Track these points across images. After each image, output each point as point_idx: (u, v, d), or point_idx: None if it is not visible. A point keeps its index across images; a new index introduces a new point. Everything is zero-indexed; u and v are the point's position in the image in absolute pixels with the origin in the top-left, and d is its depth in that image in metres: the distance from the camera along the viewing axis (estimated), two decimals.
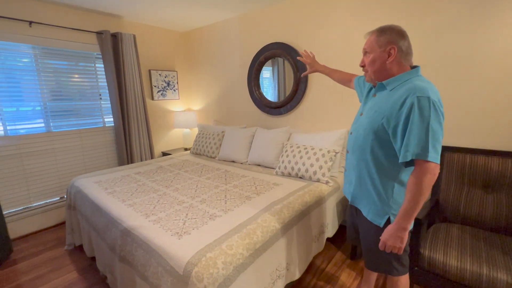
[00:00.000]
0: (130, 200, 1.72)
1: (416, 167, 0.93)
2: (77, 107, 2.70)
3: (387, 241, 1.02)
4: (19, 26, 2.25)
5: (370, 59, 1.08)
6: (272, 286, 1.30)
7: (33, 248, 2.25)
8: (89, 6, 2.52)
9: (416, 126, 0.91)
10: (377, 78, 1.10)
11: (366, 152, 1.10)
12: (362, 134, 1.11)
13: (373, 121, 1.06)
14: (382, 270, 1.20)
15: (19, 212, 2.37)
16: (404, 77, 1.02)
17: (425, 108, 0.90)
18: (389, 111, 0.99)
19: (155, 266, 1.16)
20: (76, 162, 2.71)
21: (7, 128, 2.28)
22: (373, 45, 1.06)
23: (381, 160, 1.06)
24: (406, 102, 0.93)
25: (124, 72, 2.84)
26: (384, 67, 1.05)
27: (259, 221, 1.36)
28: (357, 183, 1.18)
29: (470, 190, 1.65)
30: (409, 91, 0.94)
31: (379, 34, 1.05)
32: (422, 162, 0.91)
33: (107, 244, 1.54)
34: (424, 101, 0.90)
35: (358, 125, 1.17)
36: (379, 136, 1.04)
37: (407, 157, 0.93)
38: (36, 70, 2.40)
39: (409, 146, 0.92)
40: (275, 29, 2.62)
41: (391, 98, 1.01)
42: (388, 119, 0.99)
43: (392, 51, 1.02)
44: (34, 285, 1.80)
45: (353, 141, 1.18)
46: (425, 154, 0.90)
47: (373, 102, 1.12)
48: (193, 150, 3.04)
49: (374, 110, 1.08)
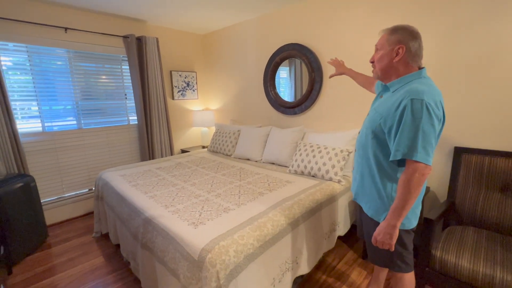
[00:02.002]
0: (151, 192, 1.85)
1: (406, 167, 0.96)
2: (104, 106, 2.91)
3: (377, 236, 1.06)
4: (56, 32, 2.48)
5: (379, 56, 1.10)
6: (281, 277, 1.37)
7: (65, 234, 2.47)
8: (116, 12, 2.72)
9: (407, 127, 0.94)
10: (383, 76, 1.13)
11: (367, 151, 1.14)
12: (364, 133, 1.16)
13: (372, 121, 1.10)
14: (384, 265, 1.23)
15: (54, 201, 2.62)
16: (407, 79, 1.05)
17: (417, 111, 0.92)
18: (387, 112, 1.03)
19: (173, 252, 1.27)
20: (103, 157, 2.93)
21: (45, 125, 2.53)
22: (383, 42, 1.09)
23: (380, 159, 1.09)
24: (401, 104, 0.96)
25: (148, 73, 3.01)
26: (391, 66, 1.08)
27: (270, 215, 1.42)
28: (360, 180, 1.22)
29: (488, 193, 1.61)
30: (405, 93, 0.97)
31: (391, 33, 1.07)
32: (412, 162, 0.94)
33: (131, 232, 1.68)
34: (417, 104, 0.93)
35: (363, 124, 1.21)
36: (377, 136, 1.08)
37: (396, 156, 0.97)
38: (70, 72, 2.63)
39: (400, 145, 0.95)
40: (290, 31, 2.67)
41: (391, 99, 1.04)
42: (385, 120, 1.03)
43: (400, 50, 1.04)
44: (66, 266, 1.99)
45: (358, 140, 1.23)
46: (413, 154, 0.93)
47: (379, 103, 1.15)
48: (210, 148, 3.17)
49: (376, 111, 1.11)
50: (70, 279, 1.85)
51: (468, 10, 1.66)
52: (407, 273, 1.22)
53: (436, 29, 1.79)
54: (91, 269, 1.96)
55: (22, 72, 2.39)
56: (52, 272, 1.94)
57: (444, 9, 1.74)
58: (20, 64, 2.37)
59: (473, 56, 1.68)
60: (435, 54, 1.81)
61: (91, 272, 1.92)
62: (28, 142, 2.42)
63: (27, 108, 2.43)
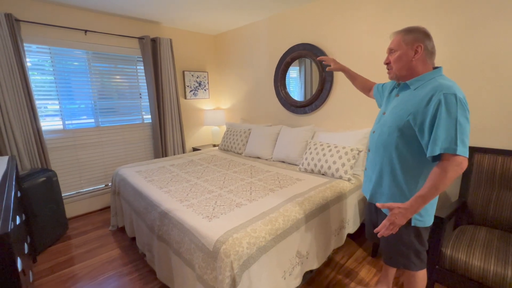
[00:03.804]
0: (166, 187, 1.93)
1: (444, 160, 0.95)
2: (120, 105, 3.02)
3: (395, 219, 1.02)
4: (76, 34, 2.60)
5: (396, 56, 1.11)
6: (291, 270, 1.41)
7: (83, 227, 2.58)
8: (132, 15, 2.82)
9: (443, 121, 0.94)
10: (402, 76, 1.13)
11: (390, 150, 1.13)
12: (386, 132, 1.15)
13: (398, 118, 1.10)
14: (402, 266, 1.23)
15: (73, 195, 2.75)
16: (428, 76, 1.07)
17: (452, 105, 0.94)
18: (415, 108, 1.03)
19: (188, 243, 1.33)
20: (118, 154, 3.04)
21: (65, 123, 2.65)
22: (399, 43, 1.10)
23: (406, 156, 1.09)
24: (432, 99, 0.97)
25: (161, 73, 3.11)
26: (410, 65, 1.09)
27: (281, 211, 1.47)
28: (378, 180, 1.21)
29: (501, 193, 1.60)
30: (435, 88, 0.99)
31: (406, 33, 1.09)
32: (450, 155, 0.93)
33: (147, 224, 1.75)
34: (451, 98, 0.94)
35: (381, 124, 1.20)
36: (404, 133, 1.07)
37: (435, 151, 0.96)
38: (88, 73, 2.75)
39: (438, 140, 0.95)
40: (301, 31, 2.70)
41: (417, 96, 1.05)
42: (414, 116, 1.03)
43: (419, 48, 1.06)
44: (85, 257, 2.10)
45: (376, 139, 1.21)
46: (454, 147, 0.92)
47: (397, 101, 1.16)
48: (221, 146, 3.23)
49: (399, 108, 1.11)
50: (89, 269, 1.95)
51: (477, 9, 1.65)
52: (420, 271, 1.22)
53: (446, 27, 1.79)
54: (108, 260, 2.06)
55: (45, 73, 2.52)
56: (73, 261, 2.04)
57: (454, 7, 1.74)
58: (43, 65, 2.50)
59: (485, 55, 1.67)
60: (445, 53, 1.81)
61: (108, 263, 2.01)
62: (50, 139, 2.55)
63: (49, 107, 2.57)
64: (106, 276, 1.87)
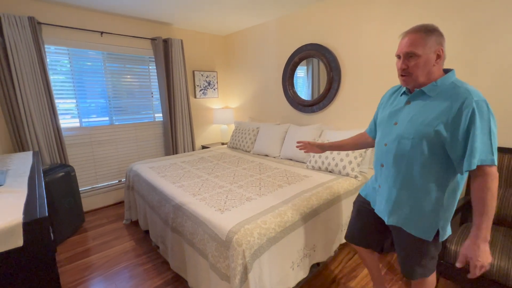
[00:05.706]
0: (179, 182, 2.01)
1: (481, 174, 0.90)
2: (133, 104, 3.13)
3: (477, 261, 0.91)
4: (93, 36, 2.72)
5: (420, 61, 0.97)
6: (299, 262, 1.47)
7: (99, 220, 2.70)
8: (145, 17, 2.92)
9: (479, 131, 0.88)
10: (421, 82, 1.02)
11: (413, 162, 1.02)
12: (408, 144, 1.03)
13: (423, 128, 0.98)
14: (420, 276, 1.15)
15: (89, 190, 2.87)
16: (445, 81, 0.98)
17: (485, 113, 0.88)
18: (444, 116, 0.94)
19: (202, 234, 1.41)
20: (131, 151, 3.16)
21: (82, 121, 2.77)
22: (422, 46, 0.96)
23: (433, 168, 1.00)
24: (464, 107, 0.89)
25: (172, 73, 3.20)
26: (431, 70, 0.99)
27: (289, 205, 1.53)
28: (398, 198, 1.09)
29: (507, 191, 1.62)
30: (463, 95, 0.91)
31: (428, 34, 0.96)
32: (487, 167, 0.89)
33: (161, 217, 1.84)
34: (482, 105, 0.89)
35: (397, 136, 1.07)
36: (431, 143, 0.97)
37: (472, 165, 0.89)
38: (103, 72, 2.86)
39: (475, 153, 0.88)
40: (310, 31, 2.75)
41: (440, 103, 0.96)
42: (445, 125, 0.94)
43: (441, 52, 0.97)
44: (101, 248, 2.21)
45: (394, 153, 1.08)
46: (491, 159, 0.88)
47: (413, 110, 1.04)
48: (229, 144, 3.31)
49: (421, 117, 1.00)
50: (105, 259, 2.06)
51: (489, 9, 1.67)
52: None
53: (460, 27, 1.81)
54: (123, 251, 2.16)
55: (63, 73, 2.64)
56: (90, 252, 2.15)
57: (466, 7, 1.76)
58: (61, 65, 2.62)
59: (498, 54, 1.69)
60: (458, 53, 1.83)
61: (123, 254, 2.11)
62: (68, 136, 2.67)
63: (66, 105, 2.69)
64: (122, 266, 1.97)
